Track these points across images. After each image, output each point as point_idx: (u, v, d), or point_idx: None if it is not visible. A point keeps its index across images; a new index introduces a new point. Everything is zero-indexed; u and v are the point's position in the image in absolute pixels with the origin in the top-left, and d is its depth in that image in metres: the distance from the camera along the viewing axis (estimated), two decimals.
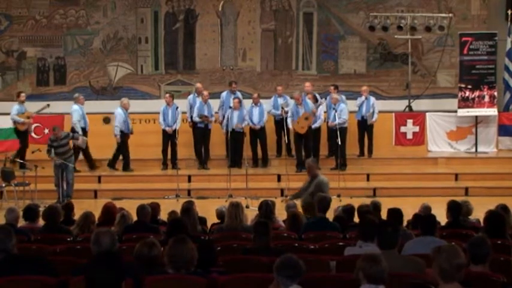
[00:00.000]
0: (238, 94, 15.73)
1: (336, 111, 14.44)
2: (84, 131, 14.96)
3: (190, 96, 15.71)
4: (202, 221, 8.95)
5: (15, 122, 15.02)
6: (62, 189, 13.01)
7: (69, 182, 13.16)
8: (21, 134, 14.94)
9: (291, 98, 15.46)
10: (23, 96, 15.44)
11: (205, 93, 15.35)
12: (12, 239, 5.51)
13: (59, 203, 10.90)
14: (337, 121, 14.11)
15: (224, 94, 15.72)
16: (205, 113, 15.05)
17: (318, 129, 15.03)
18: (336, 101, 14.70)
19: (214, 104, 15.59)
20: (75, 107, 15.10)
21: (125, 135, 15.01)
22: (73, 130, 14.61)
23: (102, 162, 15.32)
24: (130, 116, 15.99)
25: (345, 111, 14.69)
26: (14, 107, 15.17)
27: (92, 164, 15.06)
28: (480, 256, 5.02)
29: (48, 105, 15.44)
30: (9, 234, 5.55)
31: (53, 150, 12.93)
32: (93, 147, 15.14)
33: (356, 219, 8.59)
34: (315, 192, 10.52)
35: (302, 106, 14.65)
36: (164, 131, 15.02)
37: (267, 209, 8.31)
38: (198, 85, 15.81)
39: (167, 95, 15.56)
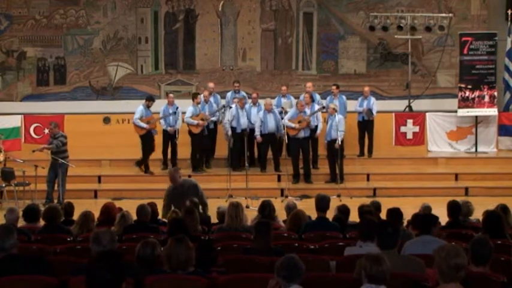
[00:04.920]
0: (242, 94, 15.65)
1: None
2: (236, 131, 14.63)
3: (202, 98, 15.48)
4: (206, 220, 8.93)
5: (189, 125, 14.65)
6: (52, 189, 12.97)
7: (61, 183, 12.79)
8: (195, 137, 14.61)
9: (295, 98, 15.46)
10: (199, 98, 14.84)
11: (206, 92, 15.30)
12: (11, 239, 5.51)
13: (59, 203, 10.93)
14: (338, 140, 13.73)
15: (229, 94, 15.65)
16: (206, 113, 14.95)
17: (316, 138, 14.57)
18: (333, 112, 14.09)
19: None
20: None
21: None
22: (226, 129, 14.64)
23: (102, 162, 15.32)
24: (130, 116, 16.02)
25: (342, 122, 14.09)
26: (189, 109, 14.68)
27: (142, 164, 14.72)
28: (482, 257, 5.01)
29: (224, 106, 14.89)
30: (9, 234, 5.54)
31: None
32: (92, 147, 15.14)
33: (351, 218, 8.60)
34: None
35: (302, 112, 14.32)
36: (165, 131, 14.93)
37: (268, 209, 8.31)
38: (210, 84, 15.67)
39: (171, 95, 15.37)
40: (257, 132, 14.51)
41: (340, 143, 13.79)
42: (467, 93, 16.14)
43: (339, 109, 14.60)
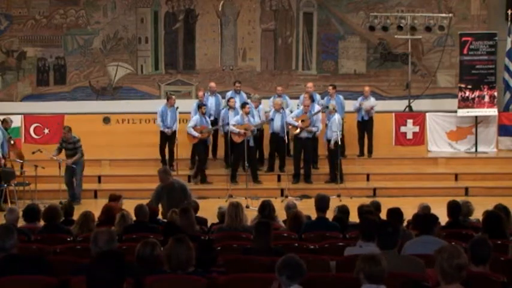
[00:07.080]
0: (243, 94, 15.62)
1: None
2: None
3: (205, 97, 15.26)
4: (202, 221, 8.94)
5: (231, 133, 14.29)
6: (70, 190, 13.17)
7: (77, 183, 13.27)
8: (235, 146, 14.25)
9: (293, 98, 15.42)
10: (248, 108, 14.32)
11: (200, 93, 15.22)
12: (11, 239, 5.50)
13: (61, 203, 10.92)
14: (333, 140, 13.82)
15: (229, 94, 15.59)
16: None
17: (316, 138, 14.53)
18: (333, 112, 14.15)
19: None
20: None
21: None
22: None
23: (102, 162, 15.31)
24: (130, 116, 16.03)
25: (335, 122, 13.94)
26: (235, 118, 14.32)
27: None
28: (481, 257, 5.01)
29: (272, 119, 14.51)
30: (9, 234, 5.54)
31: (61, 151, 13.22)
32: (92, 147, 15.11)
33: (351, 218, 8.60)
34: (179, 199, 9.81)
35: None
36: (162, 132, 14.82)
37: (268, 209, 8.30)
38: (212, 84, 15.63)
39: (173, 96, 15.26)
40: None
41: (339, 142, 13.77)
42: (467, 93, 16.15)
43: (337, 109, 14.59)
